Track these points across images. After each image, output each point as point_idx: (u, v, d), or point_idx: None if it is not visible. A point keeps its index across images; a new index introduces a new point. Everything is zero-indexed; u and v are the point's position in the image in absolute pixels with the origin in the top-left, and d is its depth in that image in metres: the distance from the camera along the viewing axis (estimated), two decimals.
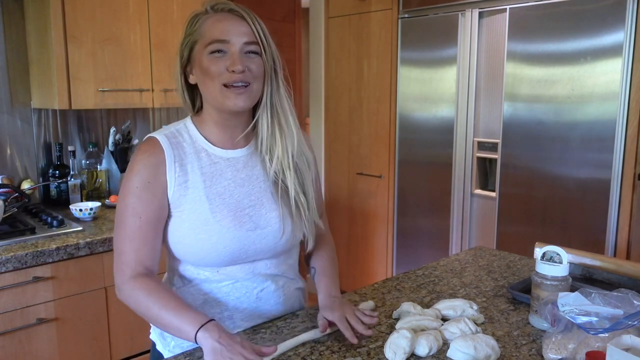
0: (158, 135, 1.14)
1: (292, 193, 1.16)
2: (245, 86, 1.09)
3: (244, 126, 1.17)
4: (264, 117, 1.15)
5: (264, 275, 1.20)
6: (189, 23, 1.13)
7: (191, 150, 1.14)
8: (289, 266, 1.26)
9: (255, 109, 1.17)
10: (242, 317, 1.20)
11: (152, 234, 1.11)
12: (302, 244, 1.26)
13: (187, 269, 1.18)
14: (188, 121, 1.19)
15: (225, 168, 1.15)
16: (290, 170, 1.16)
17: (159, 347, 1.25)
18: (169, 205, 1.12)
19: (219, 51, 1.08)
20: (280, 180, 1.17)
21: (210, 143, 1.16)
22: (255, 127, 1.17)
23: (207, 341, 0.99)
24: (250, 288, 1.19)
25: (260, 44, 1.10)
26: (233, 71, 1.07)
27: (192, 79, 1.14)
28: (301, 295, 1.34)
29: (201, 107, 1.19)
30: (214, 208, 1.11)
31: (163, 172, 1.11)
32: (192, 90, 1.18)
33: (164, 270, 1.28)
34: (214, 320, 1.04)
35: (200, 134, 1.17)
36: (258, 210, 1.15)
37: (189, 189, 1.11)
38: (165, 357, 1.22)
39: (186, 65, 1.14)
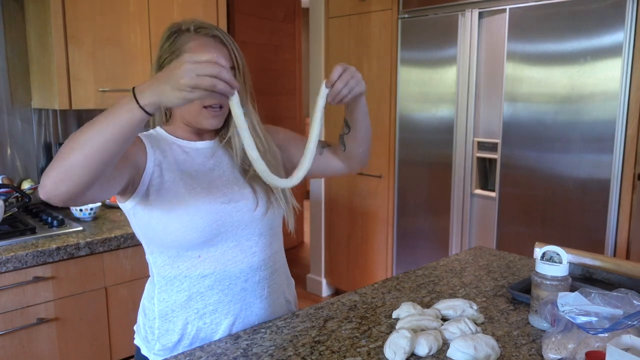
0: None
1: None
2: (220, 107, 1.18)
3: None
4: (234, 128, 1.23)
5: (247, 263, 1.21)
6: (167, 39, 1.18)
7: (164, 144, 1.22)
8: (273, 253, 1.28)
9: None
10: (226, 311, 1.21)
11: None
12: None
13: (167, 266, 1.20)
14: (158, 128, 1.27)
15: (195, 156, 1.23)
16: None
17: (143, 352, 1.25)
18: (144, 184, 1.15)
19: None
20: (249, 167, 1.22)
21: (179, 138, 1.24)
22: (221, 129, 1.26)
23: (145, 84, 0.97)
24: (233, 278, 1.20)
25: (237, 67, 1.19)
26: None
27: None
28: (288, 292, 1.35)
29: (170, 116, 1.26)
30: (187, 186, 1.17)
31: (143, 151, 1.16)
32: None
33: (147, 274, 1.28)
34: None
35: (170, 134, 1.24)
36: (230, 188, 1.22)
37: (164, 171, 1.18)
38: None
39: None
